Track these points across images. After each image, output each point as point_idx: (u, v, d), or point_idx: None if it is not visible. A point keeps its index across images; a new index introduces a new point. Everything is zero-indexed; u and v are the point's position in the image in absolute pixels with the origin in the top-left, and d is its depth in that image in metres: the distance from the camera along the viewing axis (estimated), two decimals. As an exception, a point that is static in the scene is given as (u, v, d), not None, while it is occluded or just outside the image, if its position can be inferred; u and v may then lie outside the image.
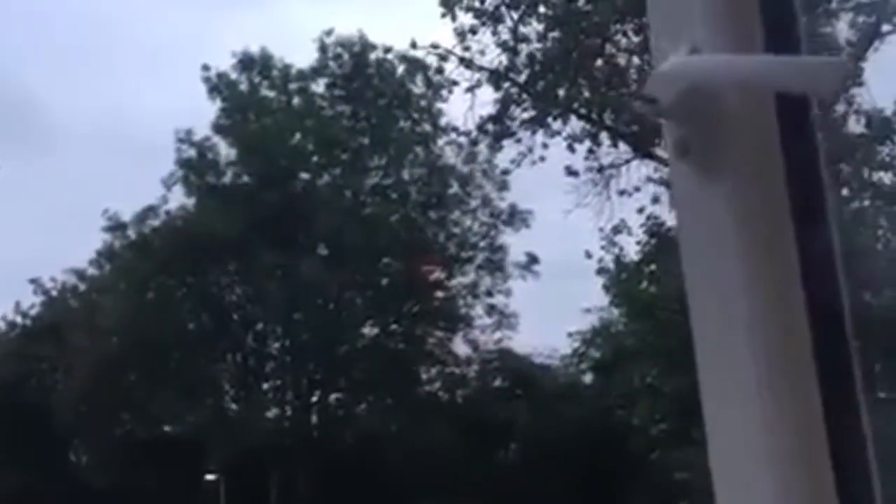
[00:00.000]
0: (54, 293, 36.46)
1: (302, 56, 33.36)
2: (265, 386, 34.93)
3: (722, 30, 1.02)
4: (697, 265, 1.05)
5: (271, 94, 34.13)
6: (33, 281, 35.75)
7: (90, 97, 45.72)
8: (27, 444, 31.87)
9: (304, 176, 34.01)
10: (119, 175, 38.39)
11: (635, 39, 22.40)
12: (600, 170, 22.50)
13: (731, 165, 1.00)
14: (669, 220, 22.30)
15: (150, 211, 32.77)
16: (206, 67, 32.97)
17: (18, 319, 36.71)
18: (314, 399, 33.86)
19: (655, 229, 22.05)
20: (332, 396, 34.18)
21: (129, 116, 43.61)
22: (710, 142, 1.01)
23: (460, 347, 33.56)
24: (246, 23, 46.54)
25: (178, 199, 33.18)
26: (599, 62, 22.48)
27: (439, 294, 33.88)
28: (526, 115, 22.84)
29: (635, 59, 22.67)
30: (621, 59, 22.66)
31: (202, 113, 33.17)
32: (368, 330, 33.93)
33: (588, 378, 32.45)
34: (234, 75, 33.66)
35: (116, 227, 33.54)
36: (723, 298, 1.01)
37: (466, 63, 22.13)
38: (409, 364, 33.22)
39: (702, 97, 1.00)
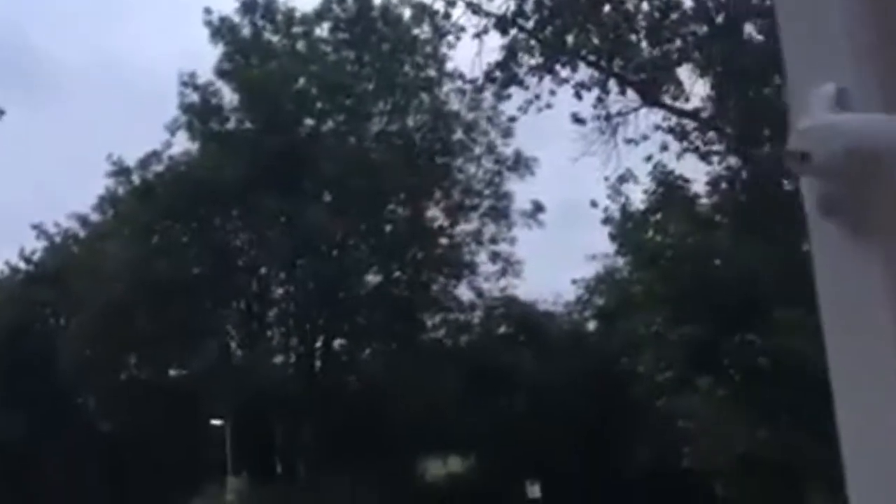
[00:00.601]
0: (57, 239, 36.44)
1: (305, 0, 32.95)
2: (269, 332, 35.07)
3: (873, 71, 0.99)
4: (841, 321, 1.03)
5: (275, 38, 33.75)
6: (36, 226, 35.74)
7: (90, 42, 45.37)
8: (32, 388, 32.08)
9: (309, 122, 33.77)
10: (121, 120, 38.23)
11: (645, -16, 22.04)
12: (608, 118, 22.30)
13: (888, 226, 0.98)
14: (676, 168, 22.19)
15: (154, 156, 32.62)
16: (208, 11, 32.58)
17: (21, 265, 36.77)
18: (318, 345, 34.00)
19: (662, 178, 21.92)
20: (336, 343, 34.32)
21: (130, 60, 43.31)
22: (865, 201, 0.99)
23: (465, 294, 33.67)
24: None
25: (182, 144, 33.03)
26: (608, 8, 22.16)
27: (443, 240, 33.86)
28: (533, 62, 22.56)
29: (644, 5, 22.36)
30: (630, 5, 22.35)
31: (204, 56, 32.85)
32: (372, 277, 33.97)
33: (592, 325, 32.54)
34: (236, 19, 33.27)
35: (120, 172, 33.41)
36: (871, 357, 0.99)
37: (474, 8, 21.81)
38: (413, 311, 33.31)
39: (860, 158, 0.98)
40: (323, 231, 31.38)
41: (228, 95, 33.51)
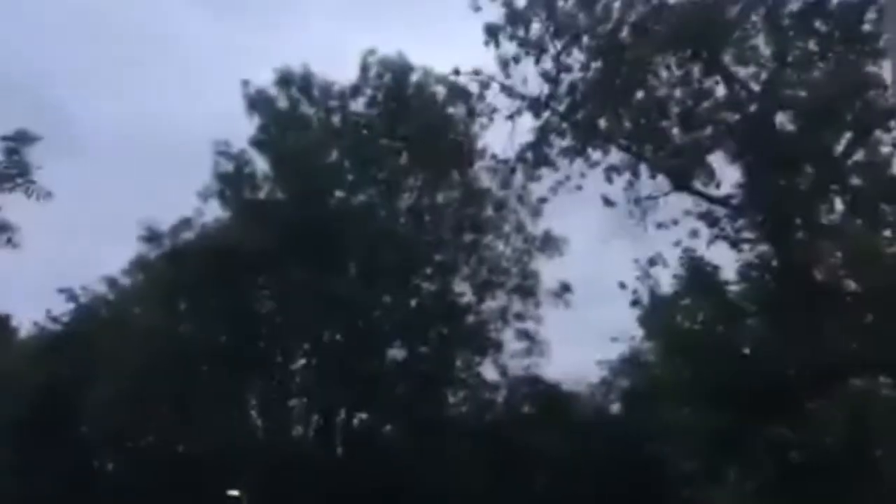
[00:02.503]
0: (85, 301, 36.72)
1: (343, 75, 33.54)
2: (291, 403, 34.92)
3: None
4: None
5: (310, 111, 34.29)
6: (64, 290, 36.04)
7: (128, 106, 46.20)
8: (53, 450, 32.02)
9: (339, 194, 34.11)
10: (153, 183, 38.68)
11: (677, 72, 22.29)
12: (638, 201, 22.31)
13: None
14: (706, 254, 22.10)
15: (186, 223, 32.98)
16: (245, 83, 33.22)
17: (49, 326, 37.00)
18: (339, 419, 33.78)
19: (692, 263, 21.83)
20: (358, 417, 34.09)
21: (165, 126, 44.01)
22: None
23: (489, 372, 33.45)
24: (288, 39, 46.92)
25: (214, 211, 33.43)
26: (640, 94, 22.34)
27: (470, 317, 33.79)
28: (565, 144, 22.71)
29: (676, 92, 22.54)
30: (663, 92, 22.53)
31: (237, 123, 33.33)
32: (397, 351, 33.87)
33: (616, 408, 32.17)
34: (273, 91, 33.88)
35: (152, 237, 33.78)
36: None
37: (508, 91, 22.06)
38: (436, 387, 33.10)
39: None
40: (349, 303, 31.44)
41: (262, 165, 34.01)
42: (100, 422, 31.26)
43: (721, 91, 22.00)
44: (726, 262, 21.64)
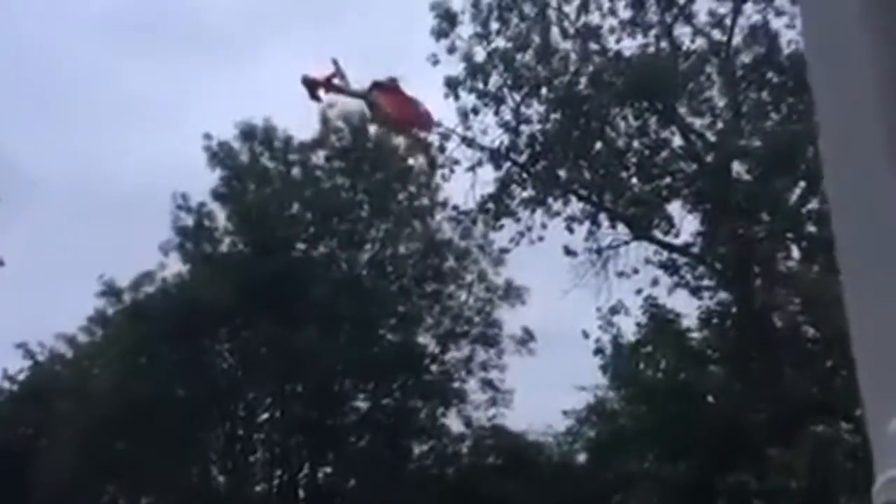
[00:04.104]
0: (42, 358, 36.07)
1: (300, 124, 33.59)
2: (253, 458, 34.39)
3: None
4: None
5: (271, 164, 34.30)
6: (21, 345, 35.39)
7: (82, 160, 45.72)
8: (9, 511, 31.20)
9: (301, 246, 33.99)
10: (110, 237, 38.24)
11: (634, 123, 22.70)
12: (599, 251, 22.57)
13: None
14: (668, 302, 22.31)
15: (147, 277, 32.66)
16: (208, 136, 33.18)
17: (5, 384, 36.25)
18: (303, 474, 33.32)
19: (653, 311, 22.02)
20: (322, 471, 33.65)
21: (121, 179, 43.62)
22: None
23: (454, 423, 33.23)
24: (246, 90, 46.97)
25: (175, 264, 33.13)
26: (599, 145, 22.71)
27: (433, 367, 33.65)
28: (526, 195, 22.98)
29: (634, 143, 22.93)
30: (621, 142, 22.92)
31: (196, 171, 33.12)
32: (360, 403, 33.58)
33: (582, 457, 32.04)
34: (235, 145, 33.87)
35: (111, 292, 33.37)
36: None
37: (468, 142, 22.32)
38: (401, 439, 32.80)
39: None
40: (311, 356, 31.16)
41: (222, 218, 33.84)
42: (54, 481, 30.54)
43: (678, 141, 22.46)
44: (687, 309, 21.90)
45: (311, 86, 20.66)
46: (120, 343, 31.76)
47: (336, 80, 20.51)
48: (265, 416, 34.53)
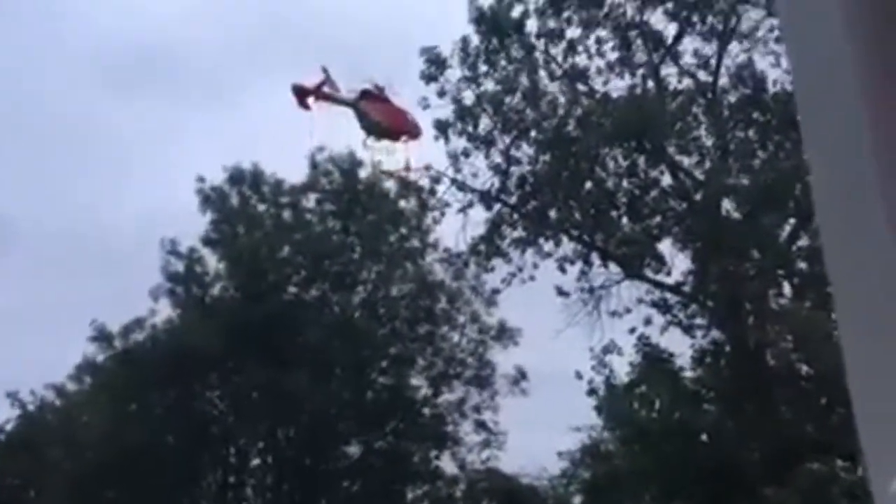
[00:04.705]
0: (32, 408, 35.77)
1: (293, 172, 33.69)
2: (246, 504, 34.05)
3: None
4: None
5: (262, 207, 34.32)
6: (11, 394, 35.08)
7: (68, 202, 45.53)
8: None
9: (292, 289, 33.91)
10: (100, 283, 38.04)
11: (624, 163, 22.82)
12: (591, 290, 22.58)
13: None
14: (661, 341, 22.28)
15: (137, 324, 32.51)
16: (201, 179, 33.23)
17: (-6, 435, 35.87)
18: (296, 519, 32.95)
19: (647, 350, 21.98)
20: (316, 517, 33.28)
21: (111, 224, 43.46)
22: None
23: (448, 466, 32.97)
24: (236, 134, 47.11)
25: (166, 309, 32.98)
26: (589, 185, 22.81)
27: (426, 410, 33.46)
28: (517, 236, 23.04)
29: (624, 183, 23.04)
30: (611, 182, 23.03)
31: (186, 216, 33.07)
32: (353, 448, 33.31)
33: (578, 500, 31.77)
34: (225, 188, 33.89)
35: (102, 338, 33.17)
36: None
37: (459, 185, 22.41)
38: (394, 483, 32.51)
39: None
40: (303, 400, 30.98)
41: (213, 263, 33.78)
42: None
43: (667, 180, 22.56)
44: (681, 348, 21.86)
45: (301, 94, 20.78)
46: (110, 390, 31.52)
47: (326, 89, 20.64)
48: (257, 461, 34.22)
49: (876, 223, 1.14)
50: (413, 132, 21.11)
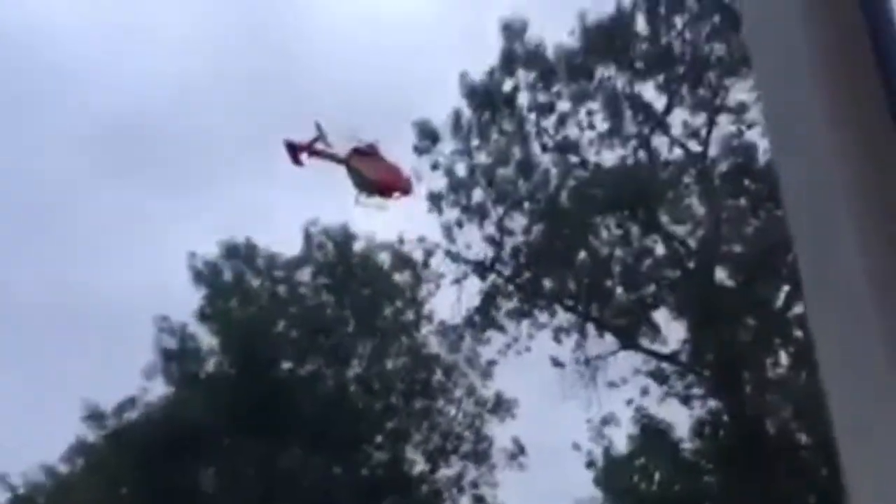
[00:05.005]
0: (22, 490, 35.20)
1: (280, 240, 33.73)
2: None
3: None
4: None
5: (256, 282, 34.28)
6: (0, 477, 34.52)
7: (59, 279, 45.37)
8: None
9: (287, 364, 33.70)
10: (91, 360, 37.73)
11: (617, 232, 22.90)
12: (587, 361, 22.46)
13: None
14: (659, 411, 22.09)
15: (130, 402, 32.20)
16: (193, 255, 33.23)
17: (-15, 517, 35.21)
18: None
19: (645, 421, 21.79)
20: None
21: (102, 301, 43.27)
22: None
23: (446, 544, 32.35)
24: (230, 210, 47.31)
25: (159, 386, 32.69)
26: (583, 254, 22.86)
27: (424, 486, 32.98)
28: (511, 307, 23.00)
29: (617, 251, 23.09)
30: (604, 252, 23.08)
31: (178, 290, 32.99)
32: (350, 525, 32.71)
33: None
34: (219, 263, 33.89)
35: (94, 417, 32.80)
36: None
37: (453, 256, 22.46)
38: (391, 562, 31.86)
39: None
40: (299, 476, 30.56)
41: (207, 338, 33.61)
42: None
43: (661, 249, 22.62)
44: (679, 418, 21.66)
45: (294, 150, 20.78)
46: (103, 470, 31.08)
47: (318, 145, 20.67)
48: (252, 540, 33.59)
49: (856, 285, 1.12)
50: (405, 188, 21.17)
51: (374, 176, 20.50)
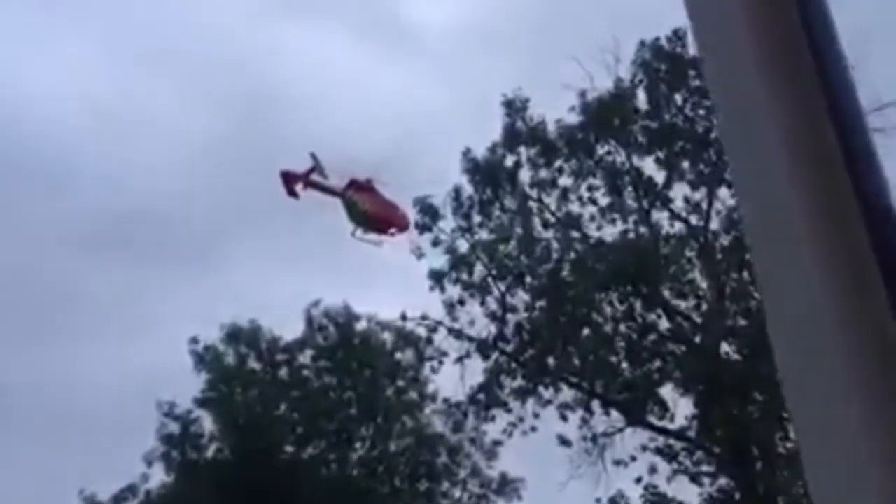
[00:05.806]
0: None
1: (289, 328, 33.58)
2: None
3: None
4: None
5: (258, 366, 34.02)
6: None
7: (57, 372, 44.90)
8: None
9: (289, 448, 33.21)
10: (92, 450, 37.20)
11: (620, 308, 22.77)
12: (594, 439, 22.09)
13: None
14: (668, 489, 21.63)
15: (130, 491, 31.62)
16: (194, 340, 33.03)
17: None
18: None
19: (655, 501, 21.32)
20: None
21: (97, 388, 42.78)
22: None
23: None
24: (232, 293, 47.17)
25: (158, 474, 32.13)
26: (587, 331, 22.68)
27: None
28: (516, 385, 22.73)
29: (622, 327, 22.92)
30: (608, 327, 22.90)
31: (178, 379, 32.66)
32: None
33: None
34: (221, 348, 33.66)
35: (92, 507, 32.17)
36: None
37: (456, 334, 22.29)
38: None
39: None
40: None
41: (209, 423, 33.20)
42: None
43: (664, 324, 22.45)
44: (689, 496, 21.20)
45: (290, 181, 20.59)
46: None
47: (314, 176, 20.50)
48: None
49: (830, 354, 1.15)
50: (401, 224, 21.00)
51: (371, 209, 20.34)
